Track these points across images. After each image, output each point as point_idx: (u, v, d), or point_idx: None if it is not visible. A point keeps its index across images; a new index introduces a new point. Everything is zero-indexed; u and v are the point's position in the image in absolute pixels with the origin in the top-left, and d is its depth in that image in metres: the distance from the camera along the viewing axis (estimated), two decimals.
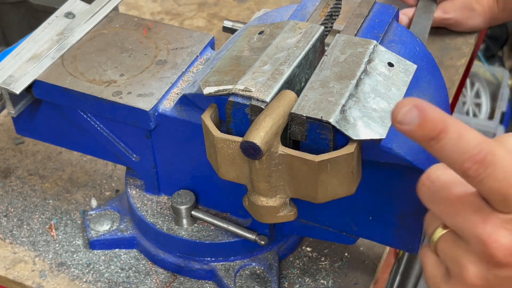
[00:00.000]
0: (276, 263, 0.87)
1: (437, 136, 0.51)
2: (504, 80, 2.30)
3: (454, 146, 0.51)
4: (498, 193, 0.52)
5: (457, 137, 0.51)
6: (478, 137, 0.51)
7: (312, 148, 0.68)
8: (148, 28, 0.90)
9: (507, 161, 0.51)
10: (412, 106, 0.51)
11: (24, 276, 0.89)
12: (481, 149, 0.50)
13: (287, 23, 0.78)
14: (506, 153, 0.51)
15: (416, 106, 0.51)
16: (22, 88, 0.82)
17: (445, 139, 0.51)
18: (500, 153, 0.51)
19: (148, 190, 0.90)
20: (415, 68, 0.74)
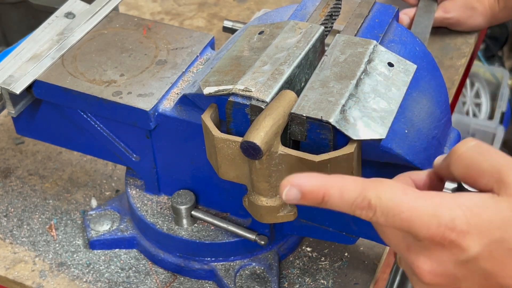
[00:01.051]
0: (276, 263, 0.87)
1: (322, 201, 0.58)
2: (504, 80, 2.30)
3: (340, 202, 0.58)
4: (398, 228, 0.57)
5: (339, 194, 0.57)
6: (359, 187, 0.57)
7: (312, 148, 0.68)
8: (148, 28, 0.90)
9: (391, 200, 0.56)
10: (290, 186, 0.58)
11: (24, 276, 0.89)
12: (364, 197, 0.56)
13: (287, 23, 0.78)
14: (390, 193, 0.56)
15: (292, 185, 0.58)
16: (22, 88, 0.82)
17: (330, 200, 0.58)
18: (384, 194, 0.56)
19: (148, 190, 0.90)
20: (415, 68, 0.74)
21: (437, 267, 0.57)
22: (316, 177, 0.58)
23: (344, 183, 0.58)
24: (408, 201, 0.55)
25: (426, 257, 0.57)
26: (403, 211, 0.55)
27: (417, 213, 0.55)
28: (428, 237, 0.55)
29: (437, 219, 0.55)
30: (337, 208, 0.58)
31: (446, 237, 0.55)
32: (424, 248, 0.57)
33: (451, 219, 0.55)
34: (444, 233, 0.55)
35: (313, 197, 0.58)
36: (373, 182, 0.57)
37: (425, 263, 0.57)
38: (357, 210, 0.57)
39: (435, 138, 0.73)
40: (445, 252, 0.56)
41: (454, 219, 0.55)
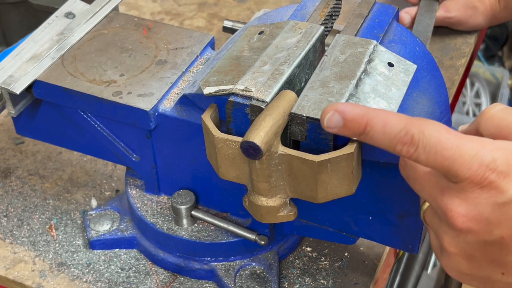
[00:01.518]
0: (276, 263, 0.87)
1: (364, 131, 0.57)
2: (504, 80, 2.30)
3: (381, 135, 0.57)
4: (438, 167, 0.56)
5: (382, 126, 0.56)
6: (403, 120, 0.56)
7: (312, 148, 0.68)
8: (148, 28, 0.90)
9: (435, 137, 0.55)
10: (333, 111, 0.58)
11: (24, 276, 0.89)
12: (407, 131, 0.55)
13: (287, 23, 0.78)
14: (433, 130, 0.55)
15: (336, 110, 0.57)
16: (22, 88, 0.82)
17: (372, 131, 0.57)
18: (428, 131, 0.55)
19: (148, 190, 0.90)
20: (415, 68, 0.74)
21: (472, 209, 0.56)
22: (359, 106, 0.58)
23: (388, 115, 0.57)
24: (453, 140, 0.55)
25: (462, 199, 0.56)
26: (446, 148, 0.55)
27: (459, 152, 0.55)
28: (468, 176, 0.55)
29: (479, 159, 0.54)
30: (377, 141, 0.57)
31: (487, 177, 0.54)
32: (461, 190, 0.56)
33: (493, 160, 0.55)
34: (484, 173, 0.54)
35: (355, 126, 0.57)
36: (417, 119, 0.57)
37: (460, 206, 0.56)
38: (398, 145, 0.56)
39: None
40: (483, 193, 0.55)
41: (496, 160, 0.55)
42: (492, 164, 0.54)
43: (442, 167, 0.56)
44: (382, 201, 0.75)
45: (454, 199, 0.56)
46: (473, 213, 0.56)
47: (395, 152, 0.57)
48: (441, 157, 0.55)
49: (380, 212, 0.76)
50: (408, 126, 0.56)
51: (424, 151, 0.55)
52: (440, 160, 0.55)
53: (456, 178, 0.56)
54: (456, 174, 0.55)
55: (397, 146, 0.56)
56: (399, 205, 0.74)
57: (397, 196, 0.74)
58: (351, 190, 0.68)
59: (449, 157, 0.55)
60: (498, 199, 0.55)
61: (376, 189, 0.74)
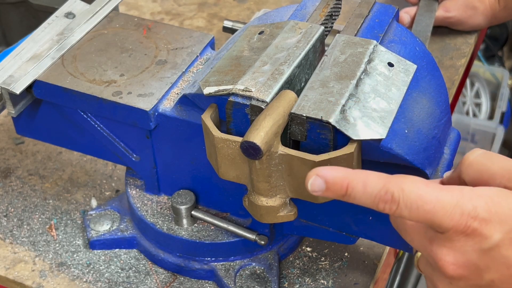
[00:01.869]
0: (276, 263, 0.87)
1: (346, 193, 0.59)
2: (504, 80, 2.30)
3: (363, 195, 0.59)
4: (422, 221, 0.58)
5: (362, 187, 0.58)
6: (382, 180, 0.58)
7: (312, 148, 0.68)
8: (148, 28, 0.90)
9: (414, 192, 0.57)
10: (315, 176, 0.59)
11: (24, 276, 0.89)
12: (387, 190, 0.57)
13: (287, 23, 0.78)
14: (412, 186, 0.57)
15: (317, 175, 0.59)
16: (22, 88, 0.82)
17: (354, 192, 0.59)
18: (407, 187, 0.57)
19: (148, 190, 0.90)
20: (415, 68, 0.74)
21: (460, 257, 0.58)
22: (340, 170, 0.60)
23: (367, 176, 0.59)
24: (431, 193, 0.57)
25: (449, 248, 0.58)
26: (427, 202, 0.56)
27: (440, 204, 0.56)
28: (452, 226, 0.57)
29: (460, 209, 0.56)
30: (360, 201, 0.59)
31: (469, 225, 0.56)
32: (447, 239, 0.58)
33: (473, 208, 0.56)
34: (467, 221, 0.56)
35: (337, 188, 0.59)
36: (395, 177, 0.59)
37: (448, 255, 0.58)
38: (380, 204, 0.58)
39: (435, 138, 0.73)
40: (468, 241, 0.57)
41: (476, 208, 0.56)
42: (473, 212, 0.56)
43: (425, 220, 0.57)
44: None
45: (442, 249, 0.59)
46: (462, 261, 0.58)
47: (378, 209, 0.59)
48: (423, 211, 0.57)
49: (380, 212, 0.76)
50: (387, 185, 0.58)
51: (405, 207, 0.57)
52: (422, 214, 0.57)
53: (440, 229, 0.58)
54: (439, 225, 0.57)
55: (379, 204, 0.58)
56: None
57: None
58: None
59: (430, 210, 0.57)
60: (483, 245, 0.57)
61: None
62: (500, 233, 0.56)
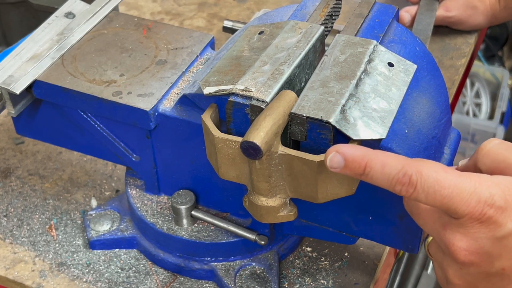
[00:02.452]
0: (276, 263, 0.87)
1: (364, 172, 0.60)
2: (504, 80, 2.30)
3: (380, 175, 0.59)
4: (438, 205, 0.58)
5: (381, 167, 0.59)
6: (401, 162, 0.59)
7: (312, 148, 0.68)
8: (148, 28, 0.90)
9: (433, 177, 0.58)
10: (335, 152, 0.60)
11: (24, 276, 0.89)
12: (405, 172, 0.58)
13: (287, 23, 0.78)
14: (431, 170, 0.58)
15: (338, 151, 0.60)
16: (22, 88, 0.82)
17: (371, 172, 0.60)
18: (426, 171, 0.58)
19: (148, 190, 0.90)
20: (415, 68, 0.74)
21: (473, 244, 0.58)
22: (360, 148, 0.60)
23: (386, 157, 0.59)
24: (450, 178, 0.57)
25: (463, 234, 0.58)
26: (444, 187, 0.57)
27: (457, 190, 0.57)
28: (468, 212, 0.57)
29: (477, 196, 0.57)
30: (377, 181, 0.59)
31: (485, 212, 0.57)
32: (461, 225, 0.58)
33: (490, 196, 0.57)
34: (483, 208, 0.57)
35: (355, 166, 0.60)
36: (414, 160, 0.59)
37: (461, 240, 0.59)
38: (397, 185, 0.58)
39: (435, 138, 0.73)
40: (482, 228, 0.57)
41: (493, 196, 0.57)
42: (490, 200, 0.57)
43: (442, 205, 0.58)
44: (382, 201, 0.75)
45: (456, 234, 0.59)
46: (474, 247, 0.58)
47: (395, 191, 0.59)
48: (440, 196, 0.57)
49: (380, 212, 0.76)
50: (406, 167, 0.58)
51: (423, 191, 0.58)
52: (439, 198, 0.57)
53: (456, 215, 0.58)
54: (455, 211, 0.58)
55: (396, 186, 0.59)
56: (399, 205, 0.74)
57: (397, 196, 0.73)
58: (351, 190, 0.68)
59: (447, 196, 0.57)
60: (497, 233, 0.57)
61: (376, 189, 0.74)
62: None
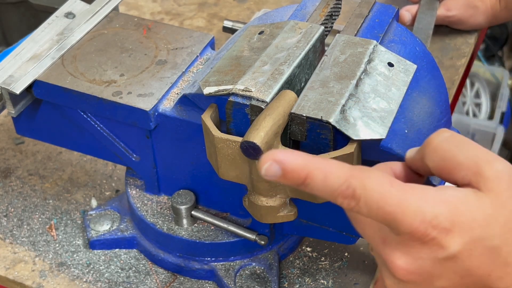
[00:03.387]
0: (276, 263, 0.87)
1: (304, 182, 0.55)
2: (504, 80, 2.30)
3: (322, 187, 0.54)
4: (380, 220, 0.54)
5: (323, 178, 0.54)
6: (345, 173, 0.54)
7: (312, 148, 0.68)
8: (148, 28, 0.90)
9: (377, 191, 0.53)
10: (272, 161, 0.54)
11: (24, 276, 0.89)
12: (349, 184, 0.54)
13: (287, 23, 0.78)
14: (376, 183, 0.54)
15: (275, 161, 0.54)
16: (22, 88, 0.82)
17: (312, 183, 0.54)
18: (371, 184, 0.54)
19: (148, 190, 0.90)
20: (415, 68, 0.74)
21: (412, 263, 0.55)
22: (301, 156, 0.55)
23: (329, 166, 0.55)
24: (395, 194, 0.53)
25: (403, 252, 0.55)
26: (389, 204, 0.53)
27: (401, 207, 0.53)
28: (410, 232, 0.54)
29: (421, 215, 0.53)
30: (317, 192, 0.55)
31: (428, 233, 0.53)
32: (402, 243, 0.55)
33: (435, 216, 0.53)
34: (426, 229, 0.53)
35: (294, 176, 0.55)
36: (359, 170, 0.55)
37: (400, 259, 0.56)
38: (339, 198, 0.54)
39: None
40: (424, 248, 0.54)
41: (439, 216, 0.53)
42: (435, 221, 0.53)
43: (384, 220, 0.54)
44: None
45: (395, 252, 0.56)
46: (414, 266, 0.55)
47: (336, 203, 0.55)
48: (383, 212, 0.53)
49: None
50: (350, 179, 0.54)
51: (365, 206, 0.54)
52: (381, 214, 0.54)
53: (397, 231, 0.55)
54: (397, 228, 0.54)
55: (338, 198, 0.54)
56: None
57: None
58: None
59: (391, 212, 0.53)
60: (439, 255, 0.54)
61: None
62: (459, 245, 0.54)
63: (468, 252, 0.54)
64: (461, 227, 0.53)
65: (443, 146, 0.57)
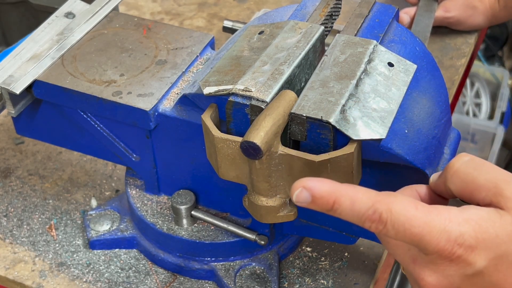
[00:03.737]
0: (276, 263, 0.87)
1: (332, 208, 0.58)
2: (504, 80, 2.30)
3: (350, 212, 0.58)
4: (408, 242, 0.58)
5: (351, 204, 0.58)
6: (371, 198, 0.58)
7: (312, 148, 0.68)
8: (148, 28, 0.90)
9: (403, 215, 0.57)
10: (302, 188, 0.59)
11: (24, 276, 0.89)
12: (375, 210, 0.57)
13: (287, 23, 0.78)
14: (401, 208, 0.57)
15: (304, 187, 0.59)
16: (22, 88, 0.82)
17: (340, 208, 0.58)
18: (396, 208, 0.57)
19: (148, 190, 0.90)
20: (415, 68, 0.74)
21: (442, 280, 0.58)
22: (329, 183, 0.59)
23: (356, 192, 0.58)
24: (420, 216, 0.56)
25: (432, 270, 0.58)
26: (414, 226, 0.56)
27: (427, 228, 0.56)
28: (437, 251, 0.56)
29: (447, 234, 0.56)
30: (346, 217, 0.58)
31: (455, 252, 0.56)
32: (431, 261, 0.58)
33: (460, 234, 0.56)
34: (452, 248, 0.56)
35: (323, 202, 0.58)
36: (385, 195, 0.58)
37: (431, 276, 0.58)
38: (367, 222, 0.58)
39: (435, 138, 0.73)
40: (452, 266, 0.57)
41: (463, 234, 0.56)
42: (460, 239, 0.56)
43: (412, 242, 0.57)
44: None
45: (425, 270, 0.59)
46: (444, 283, 0.58)
47: (364, 227, 0.58)
48: (410, 234, 0.57)
49: None
50: (376, 205, 0.57)
51: (392, 229, 0.57)
52: (408, 236, 0.57)
53: (425, 251, 0.58)
54: (425, 249, 0.57)
55: (365, 223, 0.58)
56: None
57: None
58: None
59: (417, 234, 0.56)
60: (467, 271, 0.57)
61: (376, 189, 0.74)
62: (485, 261, 0.56)
63: (494, 267, 0.57)
64: (485, 244, 0.56)
65: (463, 170, 0.60)
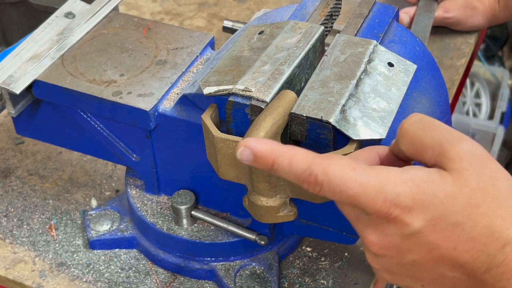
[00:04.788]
0: (276, 263, 0.87)
1: (272, 167, 0.60)
2: (504, 80, 2.30)
3: (288, 172, 0.60)
4: (346, 203, 0.59)
5: (288, 164, 0.59)
6: (308, 160, 0.59)
7: (312, 148, 0.68)
8: (148, 28, 0.90)
9: (338, 176, 0.57)
10: (244, 147, 0.60)
11: (24, 276, 0.89)
12: (311, 171, 0.58)
13: (287, 23, 0.78)
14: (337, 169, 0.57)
15: (246, 146, 0.60)
16: (22, 88, 0.82)
17: (279, 168, 0.60)
18: (332, 170, 0.58)
19: (148, 190, 0.90)
20: (415, 68, 0.74)
21: (383, 239, 0.59)
22: (269, 143, 0.60)
23: (294, 154, 0.59)
24: (356, 178, 0.57)
25: (373, 229, 0.59)
26: (350, 187, 0.57)
27: (362, 190, 0.56)
28: (374, 212, 0.57)
29: (383, 195, 0.56)
30: (286, 177, 0.60)
31: (391, 212, 0.56)
32: (371, 221, 0.59)
33: (397, 195, 0.56)
34: (389, 208, 0.56)
35: (263, 161, 0.60)
36: (322, 157, 0.59)
37: (372, 235, 0.59)
38: (304, 183, 0.59)
39: None
40: (390, 226, 0.57)
41: (400, 195, 0.56)
42: (396, 200, 0.56)
43: (350, 203, 0.58)
44: None
45: (367, 229, 0.59)
46: (384, 242, 0.59)
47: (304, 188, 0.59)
48: (346, 195, 0.57)
49: None
50: (312, 167, 0.58)
51: (329, 190, 0.58)
52: (345, 197, 0.57)
53: (365, 212, 0.58)
54: (363, 209, 0.58)
55: (303, 184, 0.59)
56: None
57: None
58: None
59: (353, 195, 0.57)
60: (405, 231, 0.57)
61: None
62: (422, 221, 0.56)
63: (431, 228, 0.57)
64: (422, 204, 0.56)
65: (411, 130, 0.60)
